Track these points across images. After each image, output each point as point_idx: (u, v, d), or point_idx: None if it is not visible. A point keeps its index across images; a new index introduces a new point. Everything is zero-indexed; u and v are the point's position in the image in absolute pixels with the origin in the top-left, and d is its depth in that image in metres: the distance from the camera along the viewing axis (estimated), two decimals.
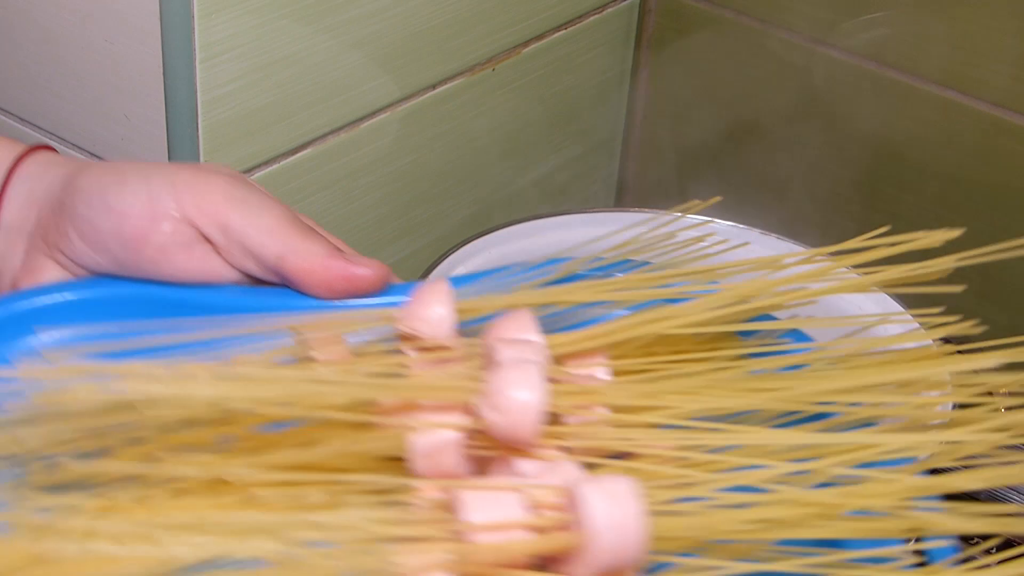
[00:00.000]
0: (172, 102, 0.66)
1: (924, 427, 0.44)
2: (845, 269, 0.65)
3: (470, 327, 0.44)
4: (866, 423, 0.44)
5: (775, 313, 0.49)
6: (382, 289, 0.49)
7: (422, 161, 0.81)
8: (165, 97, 0.66)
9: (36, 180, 0.50)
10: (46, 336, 0.49)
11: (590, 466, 0.39)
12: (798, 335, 0.51)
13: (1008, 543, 0.88)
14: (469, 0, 0.78)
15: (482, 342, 0.42)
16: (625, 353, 0.44)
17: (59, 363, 0.39)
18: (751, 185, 0.92)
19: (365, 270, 0.49)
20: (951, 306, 0.91)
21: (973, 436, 0.41)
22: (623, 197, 0.99)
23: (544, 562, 0.37)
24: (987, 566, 0.43)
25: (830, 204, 0.90)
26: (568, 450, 0.40)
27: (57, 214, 0.49)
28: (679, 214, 0.81)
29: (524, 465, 0.39)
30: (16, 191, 0.50)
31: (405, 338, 0.43)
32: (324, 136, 0.74)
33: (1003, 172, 0.83)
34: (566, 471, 0.38)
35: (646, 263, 0.51)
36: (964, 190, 0.84)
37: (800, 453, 0.40)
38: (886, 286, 0.49)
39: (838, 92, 0.87)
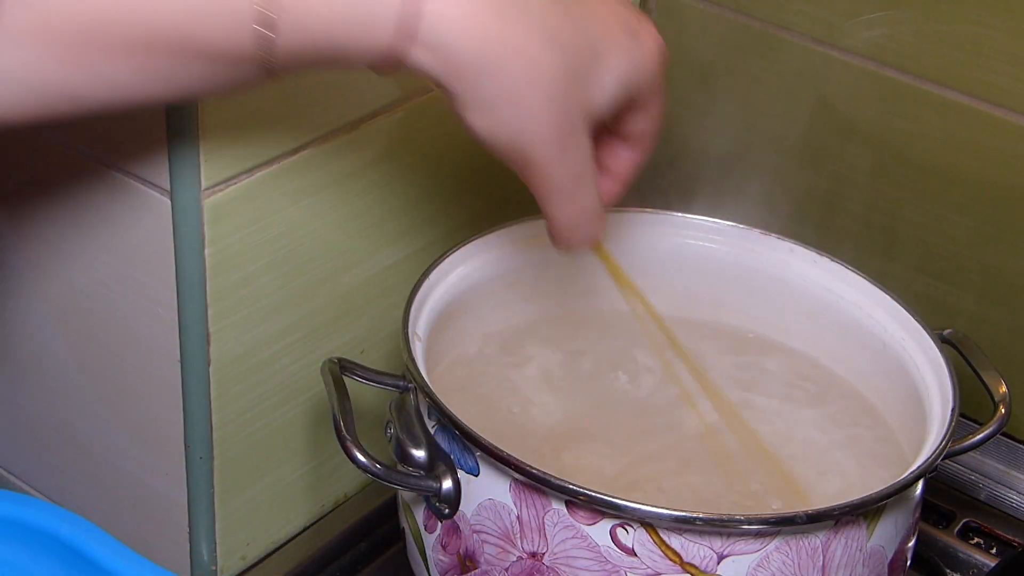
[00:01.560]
0: None
1: None
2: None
3: None
4: None
5: None
6: None
7: (422, 161, 0.81)
8: None
9: None
10: None
11: None
12: None
13: (1009, 545, 0.89)
14: None
15: None
16: None
17: None
18: (751, 185, 0.92)
19: None
20: (952, 305, 0.91)
21: None
22: (623, 197, 0.99)
23: None
24: None
25: (830, 204, 0.90)
26: None
27: None
28: (680, 214, 0.82)
29: None
30: None
31: None
32: (324, 136, 0.74)
33: (1003, 172, 0.83)
34: None
35: None
36: (964, 190, 0.84)
37: None
38: None
39: (838, 92, 0.87)
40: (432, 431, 0.68)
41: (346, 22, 0.56)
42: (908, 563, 0.70)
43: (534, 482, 0.63)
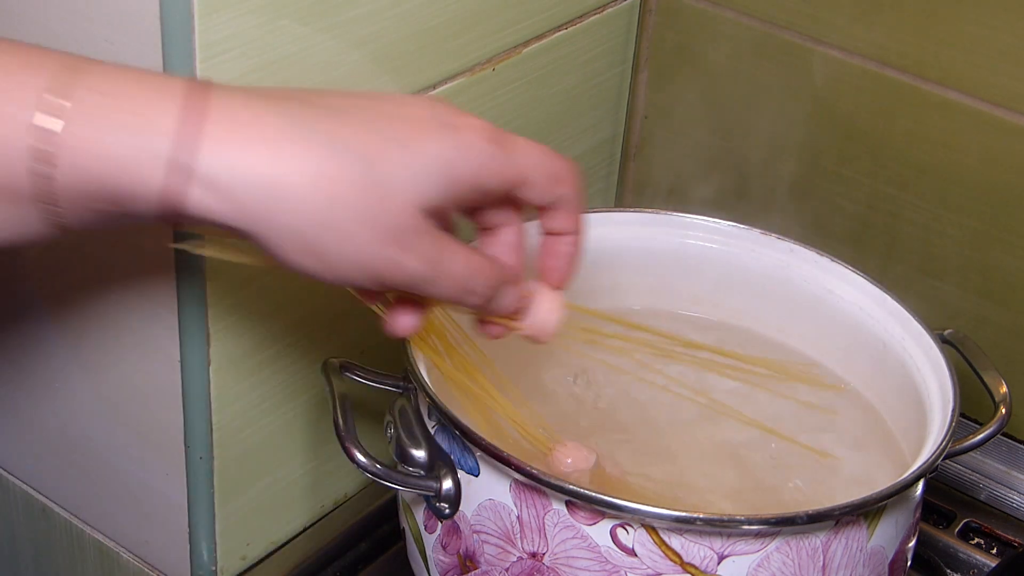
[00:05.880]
0: None
1: None
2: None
3: None
4: None
5: None
6: None
7: None
8: None
9: None
10: None
11: None
12: None
13: (1010, 545, 0.89)
14: (469, 0, 0.78)
15: None
16: None
17: None
18: (751, 185, 0.92)
19: None
20: (952, 306, 0.91)
21: None
22: (623, 197, 0.99)
23: None
24: None
25: (830, 204, 0.90)
26: None
27: None
28: (680, 214, 0.82)
29: None
30: None
31: None
32: None
33: (1003, 172, 0.83)
34: None
35: None
36: (964, 190, 0.84)
37: None
38: None
39: (838, 92, 0.87)
40: (432, 431, 0.68)
41: (118, 157, 0.48)
42: (908, 563, 0.70)
43: (534, 482, 0.63)
